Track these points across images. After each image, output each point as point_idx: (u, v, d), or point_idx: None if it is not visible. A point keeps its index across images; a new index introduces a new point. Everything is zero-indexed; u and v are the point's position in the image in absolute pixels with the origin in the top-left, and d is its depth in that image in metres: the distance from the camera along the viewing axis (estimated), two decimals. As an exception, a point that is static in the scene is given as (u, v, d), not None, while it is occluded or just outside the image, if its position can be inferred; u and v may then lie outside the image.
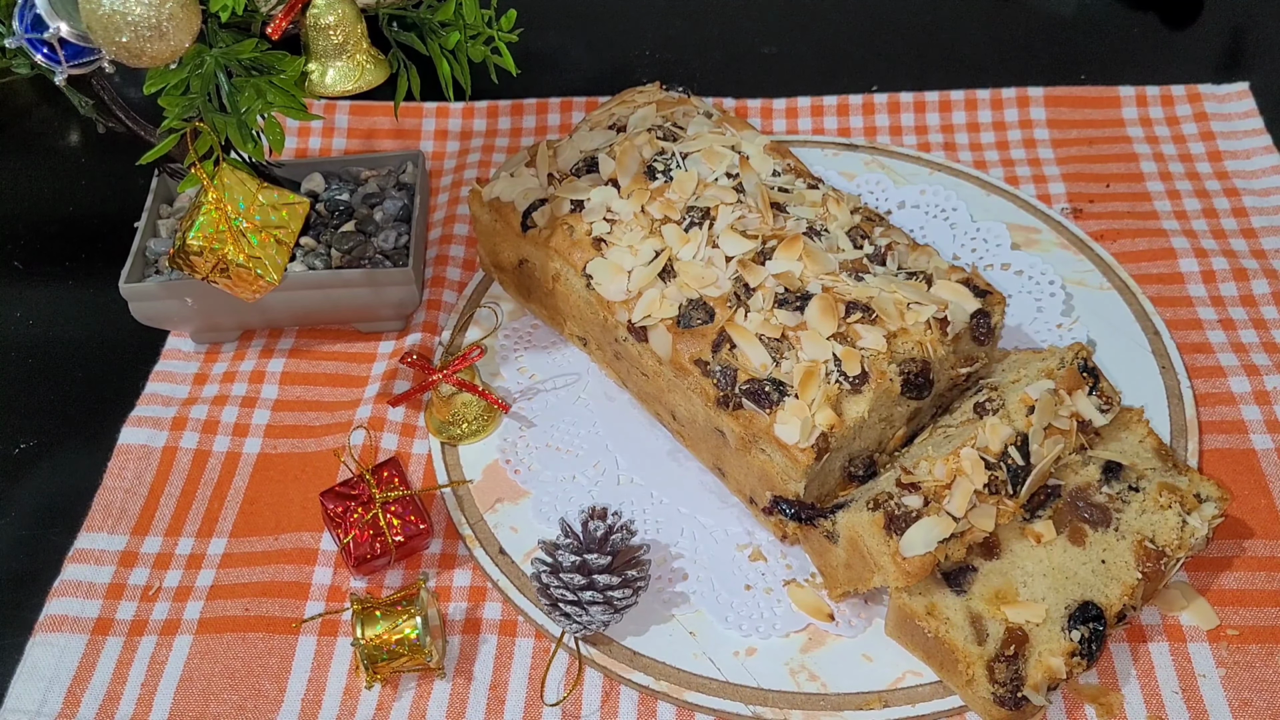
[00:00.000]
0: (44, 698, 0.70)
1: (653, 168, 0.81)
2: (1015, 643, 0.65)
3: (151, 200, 0.90)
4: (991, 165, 1.04)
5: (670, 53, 1.20)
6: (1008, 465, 0.68)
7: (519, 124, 1.12)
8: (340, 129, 1.11)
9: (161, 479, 0.82)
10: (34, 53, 0.65)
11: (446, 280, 0.95)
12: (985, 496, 0.67)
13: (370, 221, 0.90)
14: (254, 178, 0.70)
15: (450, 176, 1.06)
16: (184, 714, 0.69)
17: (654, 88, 0.92)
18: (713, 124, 0.86)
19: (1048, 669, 0.64)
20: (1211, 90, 1.09)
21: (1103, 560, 0.68)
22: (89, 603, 0.75)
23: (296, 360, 0.90)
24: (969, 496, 0.66)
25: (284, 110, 0.66)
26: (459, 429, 0.82)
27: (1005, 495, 0.67)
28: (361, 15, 0.67)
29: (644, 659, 0.70)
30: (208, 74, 0.65)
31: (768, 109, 1.11)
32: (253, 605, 0.74)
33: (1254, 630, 0.70)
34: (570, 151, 0.85)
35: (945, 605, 0.67)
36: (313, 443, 0.84)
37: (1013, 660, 0.65)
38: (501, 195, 0.85)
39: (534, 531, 0.77)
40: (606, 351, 0.83)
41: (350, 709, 0.69)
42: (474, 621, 0.73)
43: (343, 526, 0.74)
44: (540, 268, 0.83)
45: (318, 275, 0.85)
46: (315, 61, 0.67)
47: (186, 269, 0.70)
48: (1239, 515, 0.76)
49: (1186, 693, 0.68)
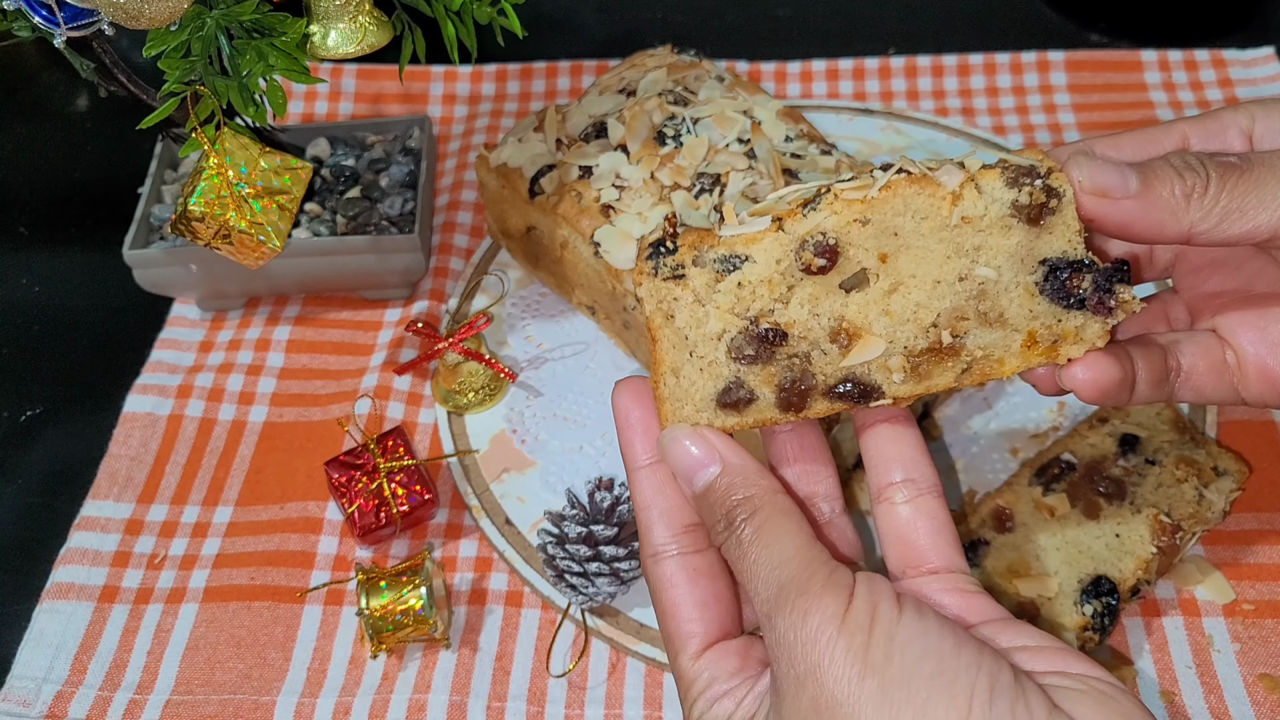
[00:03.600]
0: (51, 664, 0.70)
1: (663, 133, 0.79)
2: (1028, 616, 0.64)
3: (156, 165, 0.89)
4: (1011, 130, 1.02)
5: (682, 15, 1.18)
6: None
7: (528, 88, 1.10)
8: (347, 93, 1.09)
9: (167, 447, 0.81)
10: (32, 14, 0.64)
11: (453, 247, 0.94)
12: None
13: (376, 187, 0.89)
14: (256, 142, 0.69)
15: (458, 141, 1.04)
16: (190, 682, 0.69)
17: (665, 51, 0.90)
18: (725, 88, 0.85)
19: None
20: (1236, 55, 1.06)
21: (1117, 534, 0.67)
22: (95, 570, 0.75)
23: (302, 328, 0.89)
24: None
25: (286, 73, 0.64)
26: (465, 398, 0.81)
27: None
28: (364, -25, 0.65)
29: (651, 631, 0.69)
30: (208, 36, 0.64)
31: (782, 73, 1.09)
32: (258, 574, 0.74)
33: (1270, 605, 0.69)
34: (579, 116, 0.84)
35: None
36: (318, 411, 0.83)
37: (1024, 635, 0.64)
38: (509, 161, 0.84)
39: (540, 502, 0.76)
40: (615, 320, 0.82)
41: (356, 678, 0.69)
42: (480, 592, 0.73)
43: (347, 496, 0.73)
44: (548, 235, 0.82)
45: (323, 242, 0.84)
46: (317, 23, 0.66)
47: (189, 235, 0.69)
48: (1257, 489, 0.74)
49: (1200, 667, 0.67)
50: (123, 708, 0.68)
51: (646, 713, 0.67)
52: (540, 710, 0.67)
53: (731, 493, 0.47)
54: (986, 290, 0.48)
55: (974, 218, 0.47)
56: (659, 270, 0.48)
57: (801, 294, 0.48)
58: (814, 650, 0.41)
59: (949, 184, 0.47)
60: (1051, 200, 0.47)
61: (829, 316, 0.48)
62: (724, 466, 0.48)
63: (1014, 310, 0.48)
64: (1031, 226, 0.47)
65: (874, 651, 0.41)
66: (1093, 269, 0.47)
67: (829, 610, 0.42)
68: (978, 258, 0.47)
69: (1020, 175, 0.47)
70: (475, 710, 0.67)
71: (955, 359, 0.48)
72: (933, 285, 0.48)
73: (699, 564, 0.49)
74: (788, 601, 0.43)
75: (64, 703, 0.68)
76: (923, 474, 0.49)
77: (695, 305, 0.48)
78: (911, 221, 0.47)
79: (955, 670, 0.40)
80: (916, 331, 0.48)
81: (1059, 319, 0.48)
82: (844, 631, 0.41)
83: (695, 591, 0.49)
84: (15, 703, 0.68)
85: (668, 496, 0.50)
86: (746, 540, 0.46)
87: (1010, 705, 0.40)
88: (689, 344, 0.49)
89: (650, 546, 0.50)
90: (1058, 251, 0.47)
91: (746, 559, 0.45)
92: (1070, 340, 0.48)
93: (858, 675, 0.40)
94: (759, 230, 0.48)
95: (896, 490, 0.49)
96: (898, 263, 0.47)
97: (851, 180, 0.47)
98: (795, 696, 0.41)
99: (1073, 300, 0.47)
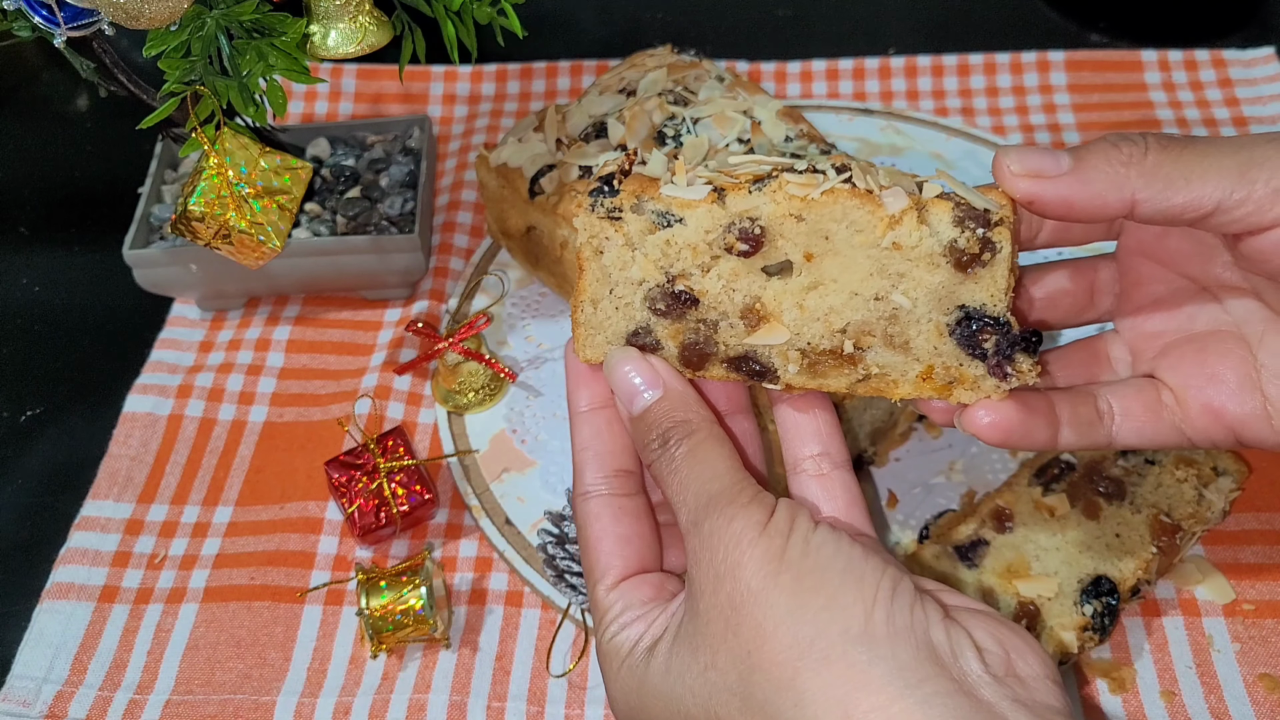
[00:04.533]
0: (51, 664, 0.70)
1: (663, 133, 0.79)
2: (1027, 617, 0.64)
3: (156, 165, 0.89)
4: (1010, 130, 1.02)
5: (682, 15, 1.18)
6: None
7: (528, 88, 1.10)
8: (347, 93, 1.09)
9: (167, 447, 0.81)
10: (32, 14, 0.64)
11: (453, 247, 0.94)
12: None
13: (376, 187, 0.89)
14: (256, 142, 0.69)
15: (458, 141, 1.04)
16: (190, 682, 0.69)
17: (665, 51, 0.90)
18: (725, 88, 0.85)
19: (1060, 643, 0.64)
20: (1237, 55, 1.06)
21: (1117, 534, 0.67)
22: (95, 570, 0.75)
23: (302, 328, 0.89)
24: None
25: (286, 73, 0.64)
26: (465, 398, 0.81)
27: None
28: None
29: (651, 630, 0.69)
30: (208, 36, 0.64)
31: (782, 73, 1.09)
32: (258, 574, 0.74)
33: (1270, 605, 0.69)
34: (579, 116, 0.84)
35: (957, 579, 0.66)
36: (318, 411, 0.83)
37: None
38: (509, 161, 0.84)
39: (540, 502, 0.76)
40: (615, 320, 0.82)
41: (356, 678, 0.69)
42: (480, 592, 0.73)
43: (347, 496, 0.73)
44: (548, 235, 0.82)
45: (322, 242, 0.84)
46: (317, 23, 0.66)
47: (189, 235, 0.69)
48: (1257, 489, 0.74)
49: (1200, 667, 0.67)
50: (123, 708, 0.68)
51: (646, 713, 0.67)
52: (540, 710, 0.67)
53: (670, 415, 0.49)
54: (898, 316, 0.48)
55: (905, 246, 0.47)
56: (596, 207, 0.50)
57: (722, 268, 0.49)
58: (735, 550, 0.44)
59: (890, 207, 0.47)
60: (985, 254, 0.47)
61: (744, 294, 0.49)
62: (666, 391, 0.50)
63: (919, 342, 0.48)
64: (958, 271, 0.47)
65: (791, 551, 0.44)
66: (1003, 330, 0.47)
67: (753, 518, 0.45)
68: (898, 284, 0.48)
69: (969, 217, 0.47)
70: (475, 710, 0.67)
71: (852, 368, 0.49)
72: (850, 295, 0.48)
73: (625, 505, 0.52)
74: (716, 509, 0.46)
75: (64, 703, 0.68)
76: (837, 449, 0.52)
77: (625, 248, 0.50)
78: (845, 231, 0.48)
79: (863, 570, 0.44)
80: (823, 332, 0.49)
81: (960, 363, 0.48)
82: (765, 535, 0.44)
83: (618, 528, 0.51)
84: (15, 703, 0.68)
85: (603, 441, 0.52)
86: (679, 458, 0.48)
87: (909, 604, 0.43)
88: (611, 281, 0.50)
89: (582, 486, 0.52)
90: (978, 302, 0.48)
91: (678, 475, 0.48)
92: (966, 385, 0.49)
93: (774, 571, 0.43)
94: (696, 199, 0.49)
95: (811, 462, 0.51)
96: (822, 265, 0.48)
97: (800, 175, 0.48)
98: (713, 593, 0.45)
99: (978, 351, 0.48)
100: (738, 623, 0.43)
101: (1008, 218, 0.47)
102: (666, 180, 0.50)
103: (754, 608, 0.43)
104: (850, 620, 0.42)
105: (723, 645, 0.44)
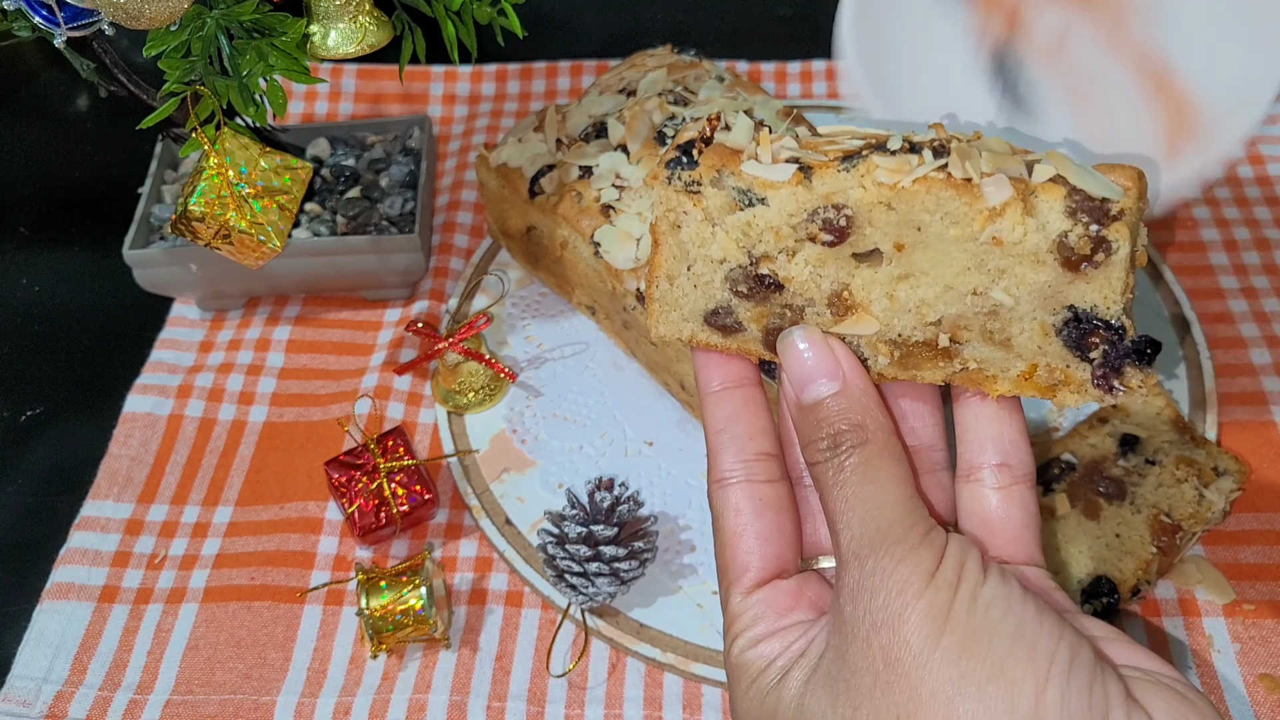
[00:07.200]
0: (51, 665, 0.70)
1: (663, 133, 0.79)
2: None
3: (156, 165, 0.89)
4: (1009, 131, 1.02)
5: (682, 15, 1.18)
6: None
7: (528, 88, 1.10)
8: (347, 93, 1.09)
9: (167, 447, 0.81)
10: (32, 14, 0.64)
11: (454, 247, 0.94)
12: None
13: (376, 187, 0.89)
14: (256, 142, 0.69)
15: (458, 141, 1.04)
16: (190, 682, 0.69)
17: (665, 51, 0.90)
18: (725, 88, 0.85)
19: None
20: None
21: (1117, 534, 0.67)
22: (95, 570, 0.74)
23: (302, 328, 0.89)
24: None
25: (286, 73, 0.64)
26: (465, 398, 0.81)
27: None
28: (364, -25, 0.65)
29: (651, 631, 0.69)
30: (208, 36, 0.64)
31: (781, 72, 1.09)
32: (258, 574, 0.74)
33: (1271, 605, 0.69)
34: (579, 116, 0.84)
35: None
36: (318, 411, 0.83)
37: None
38: (509, 161, 0.84)
39: (540, 502, 0.76)
40: (615, 320, 0.82)
41: (356, 678, 0.69)
42: (480, 592, 0.73)
43: (347, 496, 0.73)
44: (548, 235, 0.82)
45: (322, 242, 0.84)
46: (317, 23, 0.66)
47: (189, 235, 0.69)
48: (1257, 489, 0.74)
49: (1200, 667, 0.67)
50: (123, 708, 0.68)
51: (646, 713, 0.67)
52: (540, 710, 0.67)
53: (846, 415, 0.44)
54: (998, 313, 0.44)
55: (1007, 242, 0.43)
56: (673, 179, 0.46)
57: (808, 253, 0.45)
58: (899, 599, 0.40)
59: (991, 199, 0.42)
60: (1098, 254, 0.42)
61: (832, 281, 0.45)
62: (844, 386, 0.45)
63: (1023, 340, 0.45)
64: (1067, 270, 0.43)
65: (957, 608, 0.40)
66: (1116, 335, 0.43)
67: (922, 565, 0.40)
68: (999, 280, 0.44)
69: (1084, 209, 0.42)
70: (475, 710, 0.67)
71: (948, 361, 0.46)
72: (944, 289, 0.44)
73: (767, 494, 0.47)
74: (883, 546, 0.41)
75: (64, 703, 0.68)
76: (1020, 460, 0.47)
77: (704, 224, 0.46)
78: (939, 223, 0.43)
79: (1036, 635, 0.39)
80: (916, 324, 0.45)
81: (1068, 364, 0.44)
82: (932, 586, 0.40)
83: (759, 522, 0.46)
84: (15, 703, 0.68)
85: (741, 423, 0.48)
86: (849, 469, 0.43)
87: (1089, 682, 0.39)
88: (689, 258, 0.47)
89: (718, 471, 0.47)
90: (1089, 303, 0.43)
91: (844, 489, 0.43)
92: (1073, 388, 0.45)
93: (937, 631, 0.39)
94: (780, 180, 0.45)
95: (989, 473, 0.47)
96: (913, 256, 0.44)
97: (892, 157, 0.44)
98: (866, 640, 0.40)
99: (1088, 355, 0.44)
100: (890, 681, 0.39)
101: (1129, 208, 0.42)
102: (750, 155, 0.46)
103: (911, 670, 0.39)
104: (1018, 698, 0.38)
105: (868, 701, 0.40)
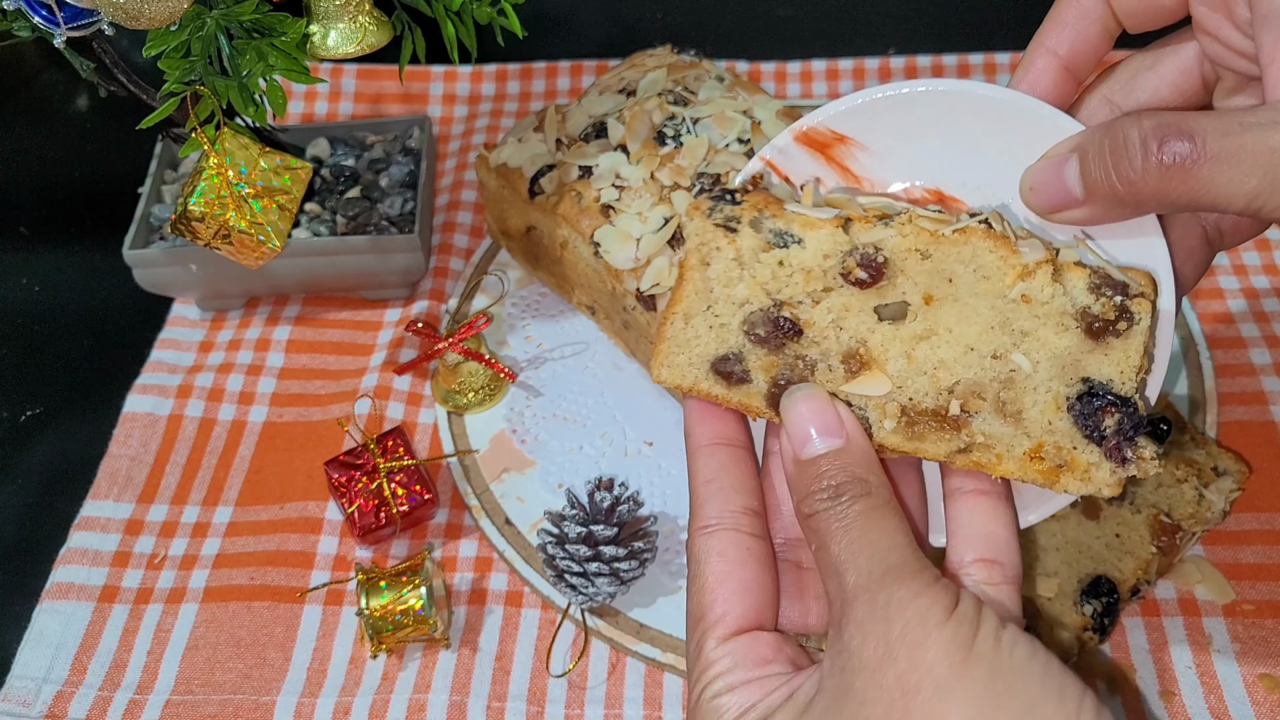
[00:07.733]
0: (50, 665, 0.70)
1: (663, 133, 0.79)
2: (1028, 617, 0.64)
3: (156, 165, 0.89)
4: (1009, 131, 1.02)
5: (682, 15, 1.18)
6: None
7: (528, 88, 1.10)
8: (347, 93, 1.09)
9: (167, 447, 0.81)
10: (32, 14, 0.64)
11: (453, 247, 0.94)
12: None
13: (376, 187, 0.89)
14: (256, 142, 0.69)
15: (458, 141, 1.04)
16: (190, 682, 0.69)
17: (665, 51, 0.90)
18: (725, 88, 0.85)
19: (1059, 643, 0.64)
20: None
21: (1117, 534, 0.67)
22: (95, 570, 0.74)
23: (302, 328, 0.89)
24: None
25: (285, 73, 0.64)
26: (465, 398, 0.81)
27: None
28: (363, -25, 0.66)
29: (650, 631, 0.69)
30: (208, 36, 0.64)
31: (781, 73, 1.09)
32: (258, 574, 0.74)
33: (1270, 604, 0.69)
34: (579, 116, 0.84)
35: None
36: (318, 411, 0.83)
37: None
38: (509, 161, 0.84)
39: (540, 502, 0.76)
40: (615, 320, 0.82)
41: (355, 678, 0.69)
42: (480, 592, 0.73)
43: (347, 496, 0.73)
44: (548, 235, 0.82)
45: (322, 242, 0.84)
46: (317, 23, 0.66)
47: (188, 235, 0.69)
48: (1257, 489, 0.74)
49: (1200, 667, 0.67)
50: (123, 708, 0.68)
51: (646, 713, 0.67)
52: (540, 710, 0.67)
53: (848, 469, 0.44)
54: (1015, 380, 0.45)
55: (1035, 300, 0.44)
56: (714, 213, 0.47)
57: (834, 301, 0.46)
58: (920, 627, 0.39)
59: (1027, 256, 0.43)
60: (1121, 322, 0.43)
61: (851, 335, 0.46)
62: (846, 443, 0.45)
63: (1033, 413, 0.45)
64: (1089, 339, 0.44)
65: (981, 642, 0.39)
66: (1128, 410, 0.44)
67: (941, 600, 0.40)
68: (1021, 343, 0.44)
69: (1107, 285, 0.43)
70: (475, 710, 0.67)
71: (955, 434, 0.45)
72: (965, 350, 0.45)
73: (753, 546, 0.46)
74: (897, 580, 0.41)
75: (64, 703, 0.68)
76: (1012, 562, 0.46)
77: (734, 264, 0.47)
78: (971, 275, 0.44)
79: (1064, 682, 0.39)
80: (929, 389, 0.45)
81: (1074, 445, 0.44)
82: (954, 619, 0.39)
83: (743, 571, 0.45)
84: (15, 703, 0.68)
85: (730, 476, 0.48)
86: (852, 516, 0.43)
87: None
88: (711, 297, 0.47)
89: (703, 519, 0.47)
90: (1105, 377, 0.44)
91: (850, 533, 0.42)
92: (1076, 473, 0.45)
93: (961, 660, 0.39)
94: (823, 219, 0.45)
95: (981, 569, 0.46)
96: (940, 311, 0.45)
97: (934, 212, 0.45)
98: (878, 670, 0.39)
99: (1096, 434, 0.44)
100: (907, 709, 0.38)
101: (1148, 294, 0.44)
102: (792, 199, 0.47)
103: (932, 698, 0.38)
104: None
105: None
